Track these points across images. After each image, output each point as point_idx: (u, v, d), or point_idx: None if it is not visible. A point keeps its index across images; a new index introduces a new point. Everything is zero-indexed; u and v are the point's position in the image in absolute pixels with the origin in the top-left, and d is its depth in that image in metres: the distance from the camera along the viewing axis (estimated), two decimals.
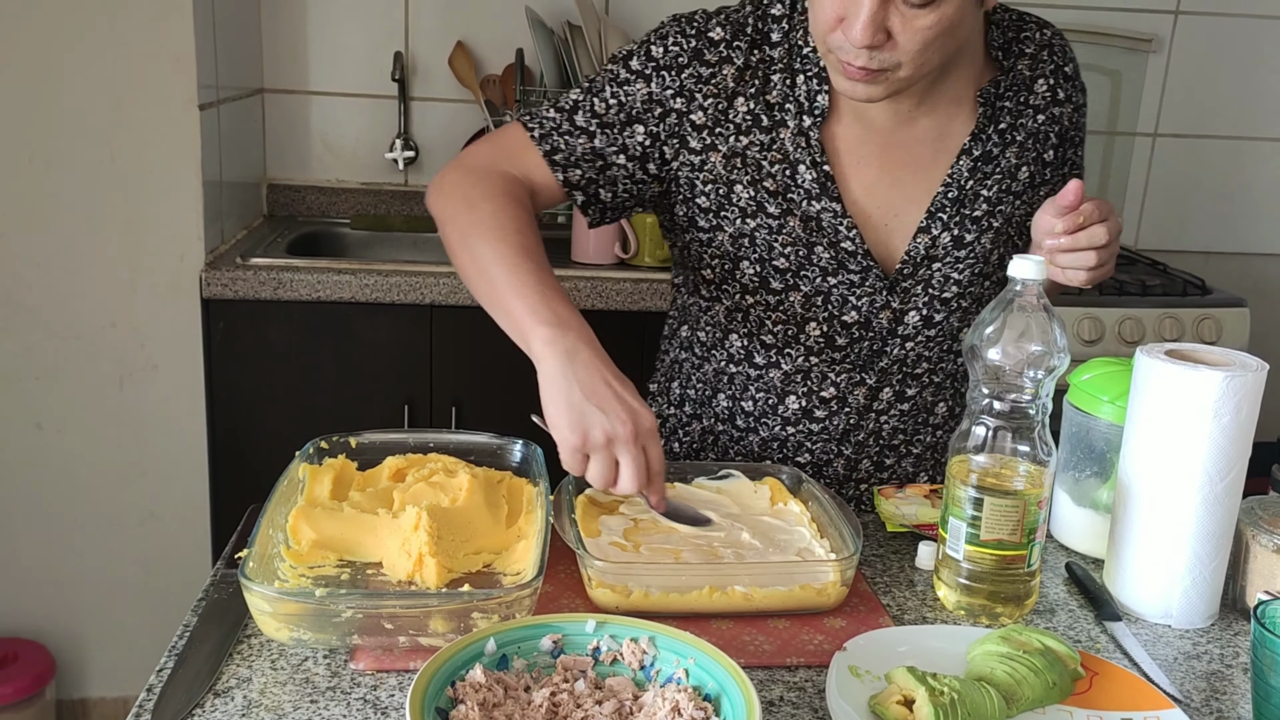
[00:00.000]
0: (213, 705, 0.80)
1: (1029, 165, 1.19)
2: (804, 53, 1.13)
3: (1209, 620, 1.00)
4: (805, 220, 1.14)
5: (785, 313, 1.18)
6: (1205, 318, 2.23)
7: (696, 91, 1.13)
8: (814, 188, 1.13)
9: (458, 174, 1.14)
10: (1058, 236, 1.03)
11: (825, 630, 0.94)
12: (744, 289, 1.19)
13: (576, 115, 1.15)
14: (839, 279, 1.16)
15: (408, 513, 0.95)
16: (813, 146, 1.13)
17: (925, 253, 1.17)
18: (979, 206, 1.17)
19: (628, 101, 1.14)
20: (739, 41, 1.14)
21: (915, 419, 1.26)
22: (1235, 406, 0.94)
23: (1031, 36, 1.20)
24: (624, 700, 0.77)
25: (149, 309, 2.03)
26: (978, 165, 1.17)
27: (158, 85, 1.95)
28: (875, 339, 1.20)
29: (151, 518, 2.13)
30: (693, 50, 1.13)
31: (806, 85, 1.13)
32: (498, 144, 1.18)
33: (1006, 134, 1.18)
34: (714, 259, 1.19)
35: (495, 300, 1.03)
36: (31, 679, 2.07)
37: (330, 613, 0.83)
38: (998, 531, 0.94)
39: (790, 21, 1.14)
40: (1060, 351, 0.93)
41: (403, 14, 2.45)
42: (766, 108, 1.13)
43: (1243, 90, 2.68)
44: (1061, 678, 0.84)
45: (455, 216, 1.10)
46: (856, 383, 1.21)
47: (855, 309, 1.18)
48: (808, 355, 1.20)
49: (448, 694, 0.75)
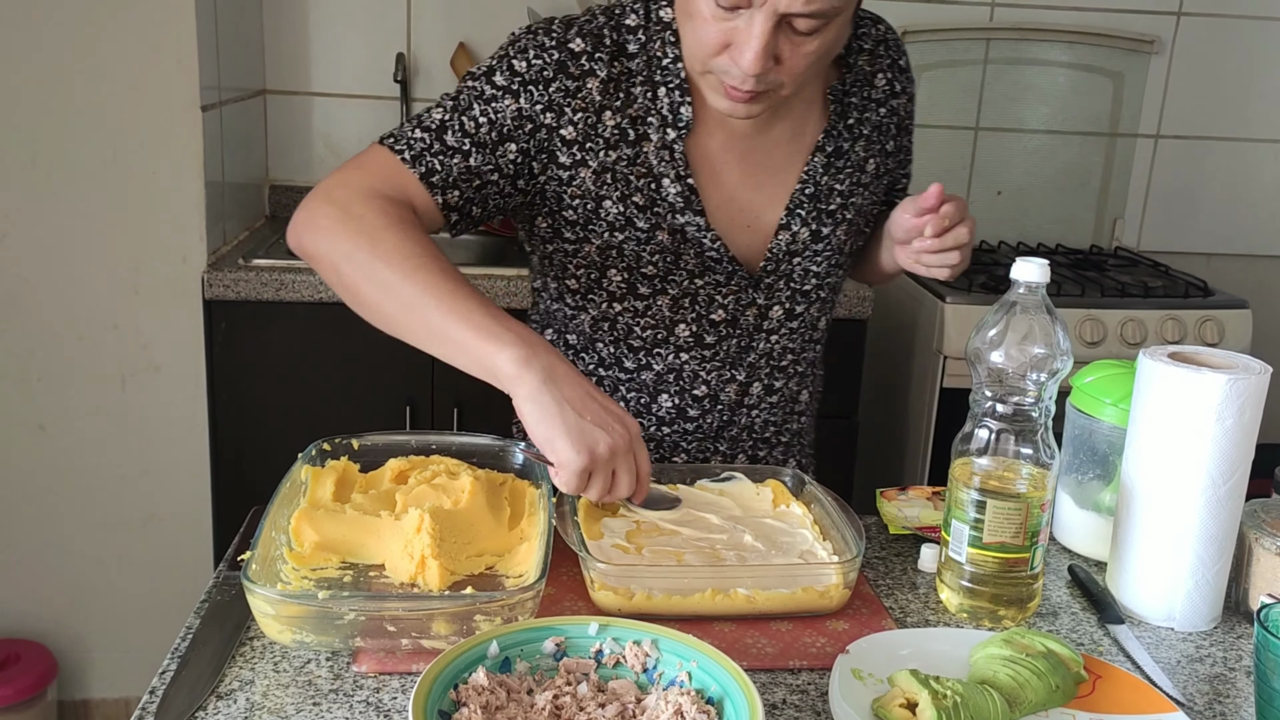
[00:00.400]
0: (215, 708, 0.80)
1: (875, 157, 1.24)
2: (663, 64, 1.12)
3: (1212, 623, 1.00)
4: (672, 232, 1.14)
5: (654, 317, 1.18)
6: (1207, 319, 2.23)
7: (566, 105, 1.10)
8: (678, 201, 1.13)
9: (332, 207, 1.03)
10: (926, 239, 1.10)
11: (828, 633, 0.94)
12: (611, 297, 1.17)
13: (446, 135, 1.09)
14: (705, 280, 1.17)
15: (410, 515, 0.95)
16: (677, 160, 1.12)
17: (786, 249, 1.19)
18: (833, 200, 1.20)
19: (498, 119, 1.09)
20: (599, 53, 1.10)
21: (784, 410, 1.29)
22: (1239, 409, 0.93)
23: (868, 33, 1.23)
24: (627, 703, 0.77)
25: (151, 310, 2.03)
26: (830, 161, 1.20)
27: (160, 86, 1.95)
28: (743, 335, 1.21)
29: (153, 519, 2.13)
30: (557, 63, 1.09)
31: (669, 97, 1.12)
32: (366, 169, 1.08)
33: (854, 128, 1.21)
34: (580, 269, 1.17)
35: (433, 333, 0.97)
36: (33, 680, 2.07)
37: (333, 615, 0.83)
38: (1000, 534, 0.94)
39: (646, 33, 1.12)
40: (1063, 354, 0.93)
41: (405, 15, 2.45)
42: (631, 121, 1.11)
43: (1245, 92, 2.68)
44: (1065, 681, 0.84)
45: (352, 253, 1.00)
46: (727, 379, 1.23)
47: (722, 307, 1.19)
48: (678, 354, 1.20)
49: (450, 697, 0.75)
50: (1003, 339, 0.93)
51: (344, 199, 1.04)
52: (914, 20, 2.55)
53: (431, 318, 0.96)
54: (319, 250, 1.04)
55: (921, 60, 2.59)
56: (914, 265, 1.16)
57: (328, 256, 1.03)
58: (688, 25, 1.05)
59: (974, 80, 2.62)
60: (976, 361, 0.95)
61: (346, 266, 1.01)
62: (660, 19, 1.13)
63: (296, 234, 1.06)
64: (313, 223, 1.04)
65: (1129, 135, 2.69)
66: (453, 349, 0.97)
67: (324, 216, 1.03)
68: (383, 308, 1.00)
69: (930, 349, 2.23)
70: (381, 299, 0.99)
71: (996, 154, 2.68)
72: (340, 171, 1.08)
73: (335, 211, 1.03)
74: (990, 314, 0.95)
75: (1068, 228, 2.73)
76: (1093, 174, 2.71)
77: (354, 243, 1.00)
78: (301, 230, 1.05)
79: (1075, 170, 2.70)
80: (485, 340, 0.94)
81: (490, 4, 2.46)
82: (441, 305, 0.96)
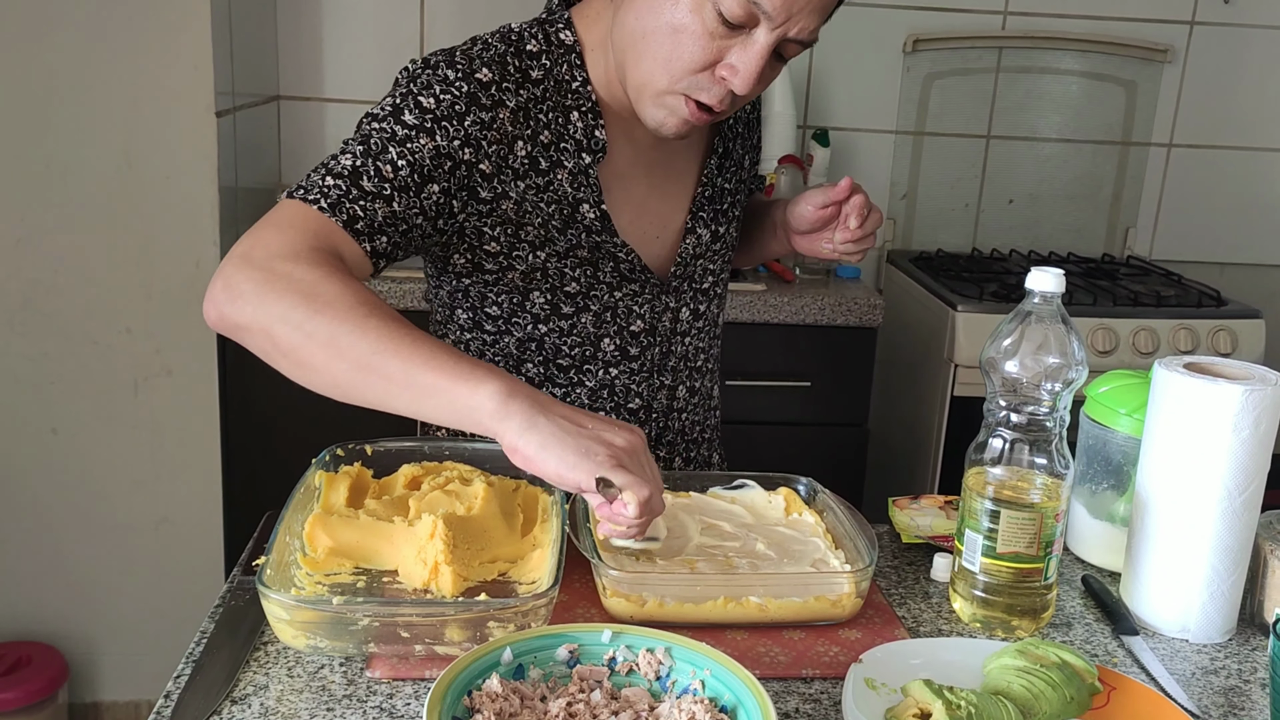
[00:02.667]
0: (230, 713, 0.80)
1: (749, 153, 1.31)
2: (573, 88, 1.11)
3: (1226, 635, 0.99)
4: (592, 250, 1.14)
5: (579, 335, 1.18)
6: (1220, 329, 2.22)
7: (482, 139, 1.05)
8: (595, 224, 1.13)
9: (253, 269, 0.92)
10: (851, 228, 1.19)
11: (840, 642, 0.94)
12: (535, 319, 1.16)
13: (362, 180, 1.00)
14: (624, 291, 1.18)
15: (423, 521, 0.95)
16: (592, 185, 1.12)
17: (693, 252, 1.22)
18: (725, 200, 1.25)
19: (416, 159, 1.02)
20: (506, 82, 1.07)
21: (704, 408, 1.33)
22: (1254, 420, 0.93)
23: None
24: (640, 711, 0.77)
25: (164, 314, 2.04)
26: (722, 162, 1.24)
27: (175, 92, 1.96)
28: (662, 341, 1.23)
29: (165, 522, 2.14)
30: (468, 95, 1.04)
31: (582, 121, 1.10)
32: (282, 226, 0.97)
33: (734, 128, 1.26)
34: (500, 295, 1.15)
35: (399, 386, 0.89)
36: (44, 682, 2.07)
37: (347, 620, 0.83)
38: (1014, 544, 0.94)
39: (550, 57, 1.10)
40: (1078, 364, 0.93)
41: (418, 22, 2.46)
42: (542, 148, 1.09)
43: (1258, 101, 2.67)
44: (1079, 692, 0.84)
45: (287, 314, 0.90)
46: (657, 387, 1.25)
47: (640, 317, 1.20)
48: (606, 369, 1.21)
49: (464, 703, 0.75)
50: (1017, 348, 0.93)
51: (265, 259, 0.93)
52: (926, 28, 2.55)
53: (392, 372, 0.88)
54: (245, 317, 0.92)
55: (934, 68, 2.59)
56: (823, 252, 1.24)
57: (257, 323, 0.91)
58: (657, 42, 1.03)
59: (986, 89, 2.62)
60: (991, 371, 0.95)
61: (282, 329, 0.90)
62: (561, 41, 1.11)
63: (216, 306, 0.93)
64: (234, 289, 0.92)
65: (1142, 144, 2.68)
66: (421, 397, 0.88)
67: (246, 280, 0.92)
68: (331, 367, 0.90)
69: (941, 357, 2.22)
70: (329, 358, 0.90)
71: (1008, 162, 2.68)
72: (251, 234, 0.97)
73: (258, 274, 0.92)
74: (1005, 323, 0.95)
75: (1080, 236, 2.72)
76: (1105, 183, 2.70)
77: (288, 302, 0.90)
78: (222, 301, 0.93)
79: (1087, 179, 2.69)
80: (457, 382, 0.87)
81: (503, 10, 2.46)
82: (400, 353, 0.88)
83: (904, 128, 2.62)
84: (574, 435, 0.86)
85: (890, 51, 2.56)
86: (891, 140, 2.62)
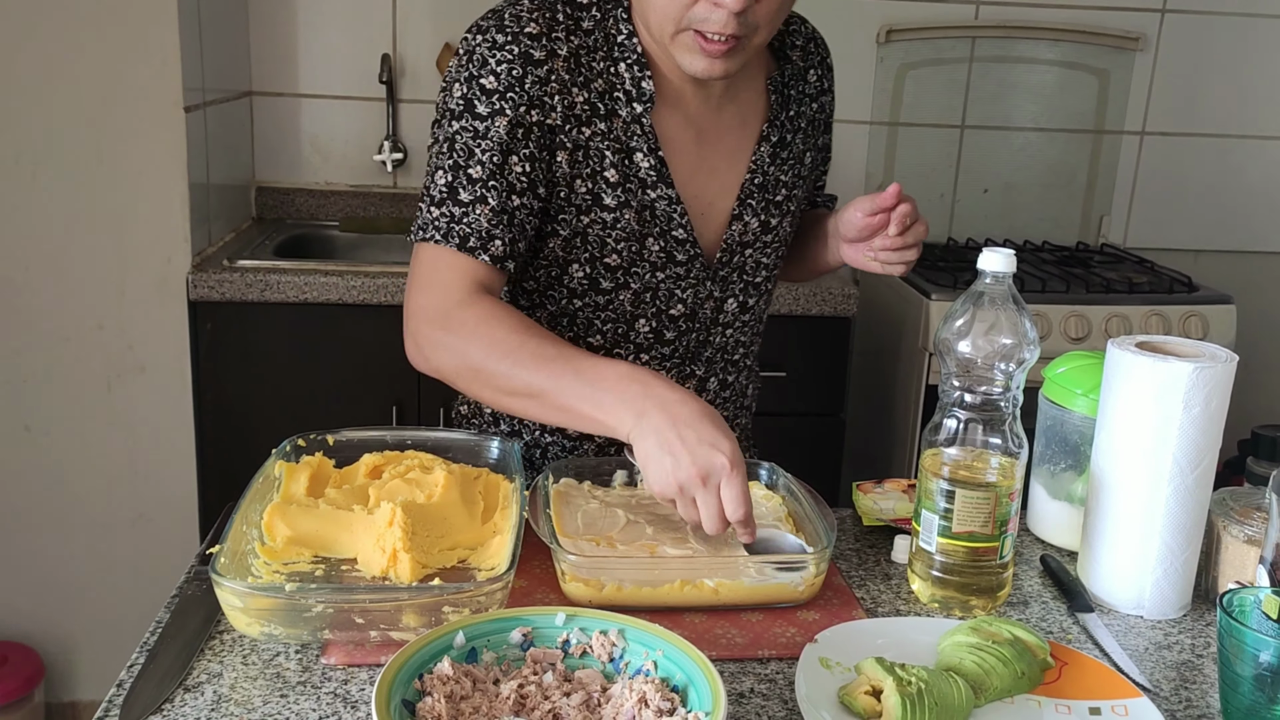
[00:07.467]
0: (182, 700, 0.80)
1: (810, 151, 1.27)
2: (619, 41, 1.12)
3: (1181, 611, 1.00)
4: (640, 211, 1.13)
5: (615, 311, 1.18)
6: (1192, 314, 2.24)
7: (543, 94, 1.08)
8: (650, 175, 1.13)
9: (429, 329, 1.08)
10: (889, 237, 1.15)
11: (798, 623, 0.94)
12: (571, 294, 1.17)
13: (460, 194, 1.08)
14: (667, 273, 1.17)
15: (382, 509, 0.95)
16: (647, 133, 1.12)
17: (739, 239, 1.20)
18: (779, 191, 1.22)
19: (495, 145, 1.08)
20: (556, 32, 1.09)
21: (734, 404, 1.31)
22: (1205, 397, 0.94)
23: (798, 30, 1.26)
24: (592, 692, 0.78)
25: (136, 311, 2.04)
26: (776, 151, 1.21)
27: (143, 87, 1.96)
28: (700, 330, 1.22)
29: (140, 519, 2.13)
30: (521, 56, 1.08)
31: (630, 73, 1.11)
32: (428, 277, 1.10)
33: (794, 120, 1.23)
34: (538, 270, 1.17)
35: (553, 413, 1.03)
36: (20, 681, 2.07)
37: (301, 607, 0.83)
38: (970, 524, 0.95)
39: (600, 9, 1.12)
40: (1030, 344, 0.94)
41: (390, 16, 2.45)
42: (598, 95, 1.11)
43: (1230, 88, 2.69)
44: (1030, 668, 0.84)
45: (455, 378, 1.08)
46: (687, 375, 1.23)
47: (681, 301, 1.19)
48: (637, 353, 1.20)
49: (415, 686, 0.75)
50: (970, 329, 0.94)
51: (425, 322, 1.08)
52: (900, 18, 2.56)
53: (545, 402, 1.02)
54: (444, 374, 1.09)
55: (907, 59, 2.60)
56: (867, 263, 1.19)
57: (444, 377, 1.09)
58: None
59: (960, 78, 2.63)
60: (945, 352, 0.95)
61: (460, 384, 1.08)
62: None
63: (426, 358, 1.10)
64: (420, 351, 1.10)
65: (1115, 132, 2.69)
66: (574, 422, 1.02)
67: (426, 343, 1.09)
68: (508, 405, 1.06)
69: (915, 346, 2.23)
70: (505, 400, 1.05)
71: (983, 152, 2.69)
72: (415, 294, 1.10)
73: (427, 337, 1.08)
74: (957, 304, 0.95)
75: (1054, 225, 2.73)
76: (1079, 171, 2.71)
77: (451, 367, 1.07)
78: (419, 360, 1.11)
79: (1061, 167, 2.70)
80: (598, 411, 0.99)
81: (476, 4, 2.45)
82: (546, 391, 1.01)
83: (878, 118, 2.63)
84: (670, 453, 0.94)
85: (864, 42, 2.57)
86: (866, 131, 2.63)
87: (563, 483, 1.10)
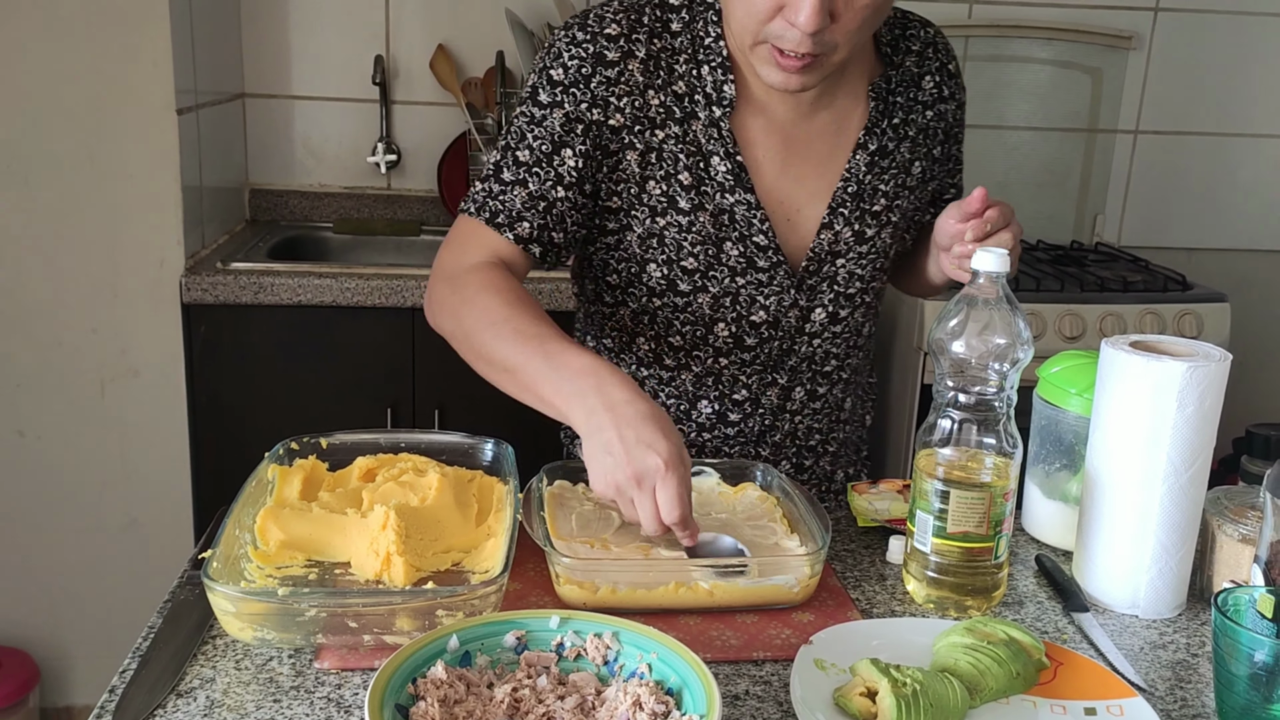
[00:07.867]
0: (175, 705, 0.80)
1: (921, 161, 1.22)
2: (706, 44, 1.12)
3: (1176, 610, 1.00)
4: (716, 215, 1.13)
5: (693, 314, 1.17)
6: (1186, 313, 2.24)
7: (609, 96, 1.10)
8: (728, 179, 1.12)
9: (441, 286, 1.13)
10: (966, 243, 1.05)
11: (793, 625, 0.94)
12: (650, 292, 1.17)
13: (503, 173, 1.13)
14: (747, 279, 1.16)
15: (375, 512, 0.95)
16: (725, 137, 1.12)
17: (829, 248, 1.18)
18: (877, 201, 1.19)
19: (548, 134, 1.11)
20: (637, 34, 1.10)
21: (829, 417, 1.27)
22: (1199, 396, 0.94)
23: (916, 34, 1.22)
24: (586, 695, 0.77)
25: (130, 314, 2.03)
26: (874, 159, 1.18)
27: (135, 90, 1.95)
28: (784, 338, 1.20)
29: (134, 524, 2.13)
30: (594, 55, 1.10)
31: (712, 76, 1.11)
32: (456, 240, 1.15)
33: (899, 128, 1.19)
34: (620, 264, 1.17)
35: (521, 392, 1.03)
36: (15, 687, 2.06)
37: (294, 612, 0.83)
38: (964, 524, 0.95)
39: (690, 11, 1.12)
40: (1024, 344, 0.93)
41: (383, 18, 2.45)
42: (676, 98, 1.11)
43: (1223, 86, 2.69)
44: (1025, 668, 0.84)
45: (454, 332, 1.10)
46: (768, 383, 1.22)
47: (764, 308, 1.17)
48: (716, 357, 1.19)
49: (409, 690, 0.75)
50: (963, 329, 0.94)
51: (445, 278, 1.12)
52: None
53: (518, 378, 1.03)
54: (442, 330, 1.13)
55: None
56: (956, 273, 1.10)
57: (447, 334, 1.12)
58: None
59: None
60: (938, 352, 0.95)
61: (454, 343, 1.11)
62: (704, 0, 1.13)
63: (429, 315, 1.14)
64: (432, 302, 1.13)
65: (1108, 131, 2.69)
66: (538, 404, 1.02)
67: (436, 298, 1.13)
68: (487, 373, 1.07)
69: (911, 346, 2.23)
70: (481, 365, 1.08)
71: (977, 151, 2.67)
72: (443, 249, 1.15)
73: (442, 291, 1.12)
74: (951, 304, 0.95)
75: (1048, 223, 2.73)
76: (1073, 170, 2.71)
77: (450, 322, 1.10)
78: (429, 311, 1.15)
79: (1055, 166, 2.70)
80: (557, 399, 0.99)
81: (469, 6, 2.46)
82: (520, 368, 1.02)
83: None
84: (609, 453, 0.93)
85: None
86: None
87: (556, 485, 1.09)
